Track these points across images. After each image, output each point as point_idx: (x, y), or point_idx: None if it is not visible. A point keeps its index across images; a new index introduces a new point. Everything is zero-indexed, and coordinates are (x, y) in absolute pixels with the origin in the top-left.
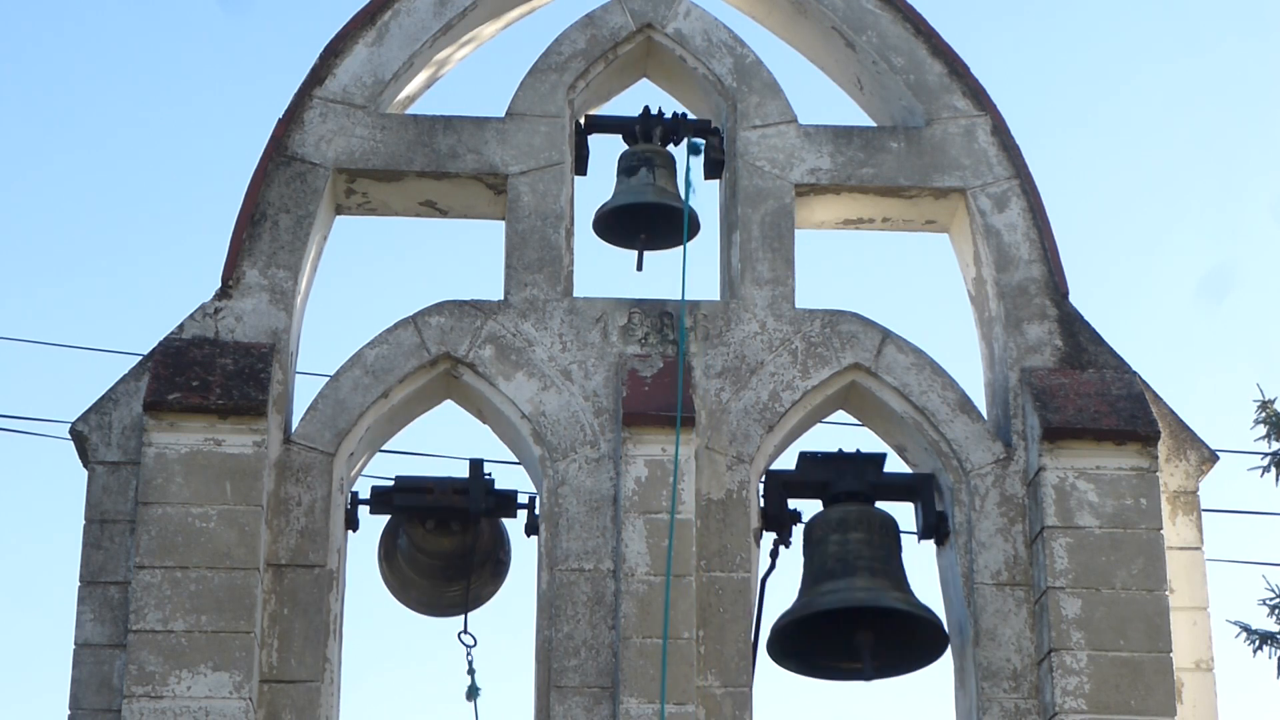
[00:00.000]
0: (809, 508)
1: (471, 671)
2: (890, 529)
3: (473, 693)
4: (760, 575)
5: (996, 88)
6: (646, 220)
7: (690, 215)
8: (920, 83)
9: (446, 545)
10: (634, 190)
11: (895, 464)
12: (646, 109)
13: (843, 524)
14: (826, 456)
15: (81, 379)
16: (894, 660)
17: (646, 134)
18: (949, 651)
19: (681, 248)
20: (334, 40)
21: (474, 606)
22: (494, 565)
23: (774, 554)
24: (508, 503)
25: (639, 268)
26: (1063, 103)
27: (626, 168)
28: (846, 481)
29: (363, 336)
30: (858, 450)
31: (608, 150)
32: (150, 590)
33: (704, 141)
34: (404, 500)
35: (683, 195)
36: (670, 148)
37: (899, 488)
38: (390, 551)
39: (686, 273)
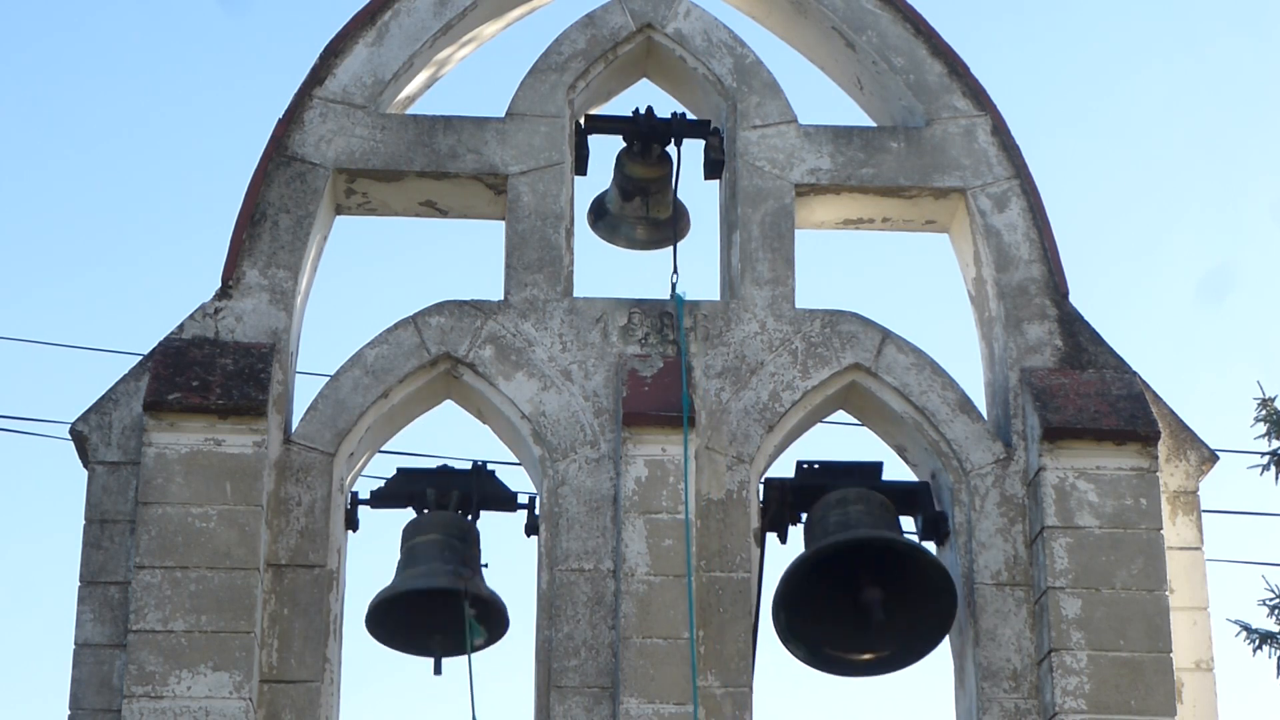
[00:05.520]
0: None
1: (471, 626)
2: (889, 508)
3: (473, 631)
4: (760, 562)
5: (996, 88)
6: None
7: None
8: (920, 83)
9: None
10: (627, 237)
11: (892, 469)
12: (651, 110)
13: (842, 500)
14: (823, 466)
15: (81, 379)
16: (903, 632)
17: (645, 142)
18: (949, 651)
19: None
20: (334, 40)
21: (464, 649)
22: (495, 617)
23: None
24: (508, 498)
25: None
26: (1063, 103)
27: (623, 190)
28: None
29: (363, 336)
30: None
31: (608, 150)
32: (150, 590)
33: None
34: (408, 476)
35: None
36: (669, 147)
37: (897, 494)
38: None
39: (679, 272)
